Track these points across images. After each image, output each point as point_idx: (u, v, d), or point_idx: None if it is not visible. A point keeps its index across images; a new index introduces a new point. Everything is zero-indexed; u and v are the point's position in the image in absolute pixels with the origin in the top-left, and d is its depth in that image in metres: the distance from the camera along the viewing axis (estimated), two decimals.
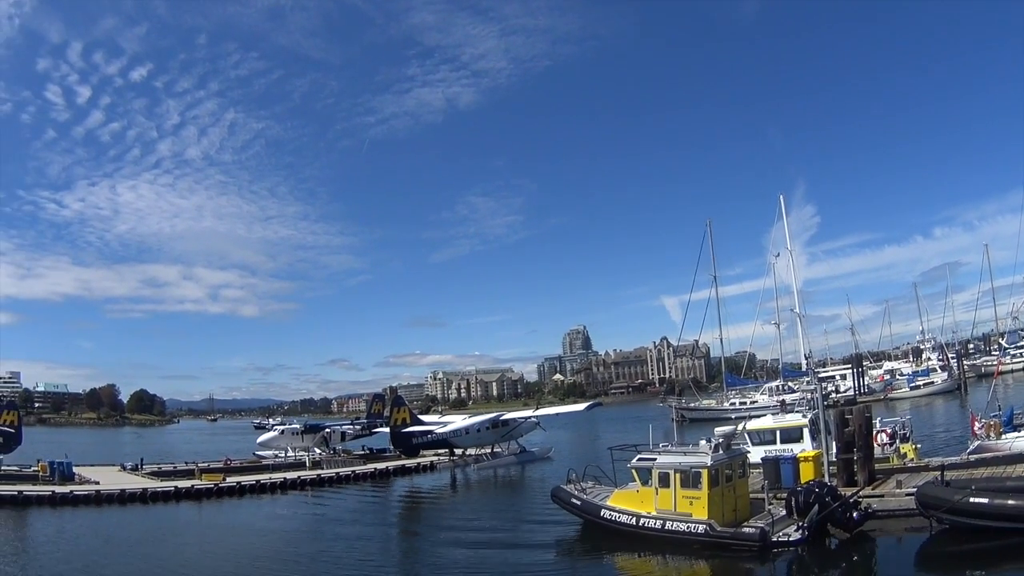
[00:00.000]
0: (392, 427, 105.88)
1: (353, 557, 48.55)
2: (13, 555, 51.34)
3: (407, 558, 50.55)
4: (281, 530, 61.80)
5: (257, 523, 66.77)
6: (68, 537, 59.04)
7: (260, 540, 56.76)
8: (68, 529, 63.01)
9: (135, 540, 56.46)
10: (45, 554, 51.68)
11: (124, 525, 64.88)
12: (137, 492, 77.31)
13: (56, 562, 48.67)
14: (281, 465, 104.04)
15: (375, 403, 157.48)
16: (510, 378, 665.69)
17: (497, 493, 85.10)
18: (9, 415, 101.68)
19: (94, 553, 51.17)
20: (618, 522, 47.05)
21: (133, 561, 48.54)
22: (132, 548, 53.03)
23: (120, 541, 56.56)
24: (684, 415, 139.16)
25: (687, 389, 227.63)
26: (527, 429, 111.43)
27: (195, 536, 59.58)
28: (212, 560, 49.30)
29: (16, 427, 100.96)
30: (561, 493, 54.00)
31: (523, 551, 47.62)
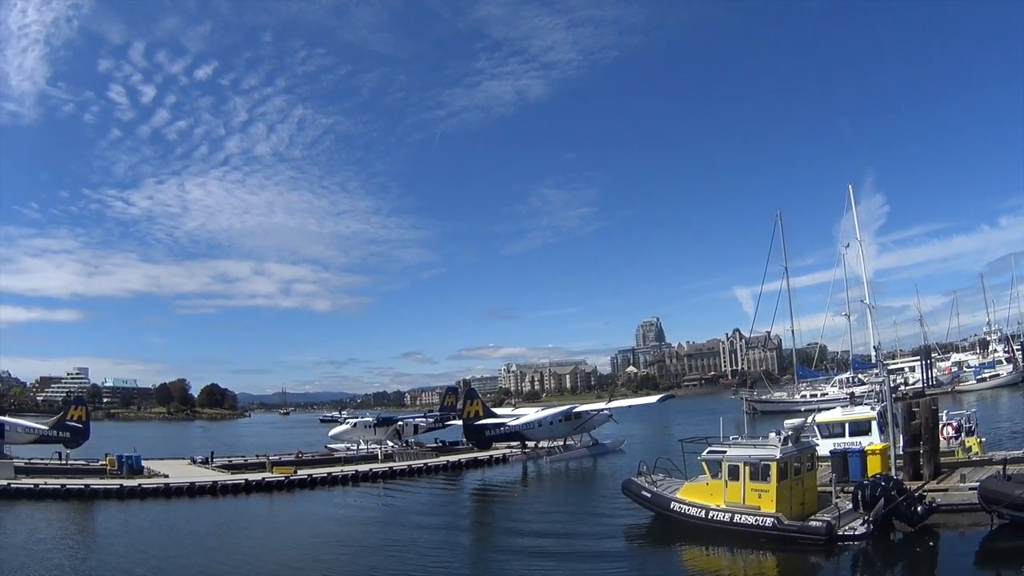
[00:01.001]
0: (465, 420, 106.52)
1: (420, 550, 48.66)
2: (76, 548, 51.96)
3: (475, 551, 50.97)
4: (349, 523, 62.31)
5: (326, 516, 67.08)
6: (131, 530, 59.81)
7: (327, 533, 56.95)
8: (132, 522, 63.71)
9: (200, 533, 57.32)
10: (107, 547, 52.42)
11: (191, 518, 65.54)
12: (207, 485, 77.99)
13: (116, 556, 49.16)
14: (353, 458, 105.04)
15: (448, 396, 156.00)
16: (583, 370, 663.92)
17: (568, 486, 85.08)
18: (77, 410, 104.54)
19: (156, 546, 51.90)
20: (687, 515, 47.01)
21: (194, 554, 49.16)
22: (196, 541, 53.87)
23: (185, 534, 57.22)
24: (755, 407, 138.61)
25: (759, 381, 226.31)
26: (600, 422, 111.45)
27: (261, 529, 60.68)
28: (274, 554, 49.81)
29: (84, 422, 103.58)
30: (632, 486, 53.96)
31: (592, 544, 47.61)
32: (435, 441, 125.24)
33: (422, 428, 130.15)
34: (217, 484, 78.35)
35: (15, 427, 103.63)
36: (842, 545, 40.24)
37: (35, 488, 74.27)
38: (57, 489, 74.08)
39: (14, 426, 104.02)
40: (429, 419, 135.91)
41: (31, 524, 61.26)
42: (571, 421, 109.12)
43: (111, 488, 75.38)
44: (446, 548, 49.53)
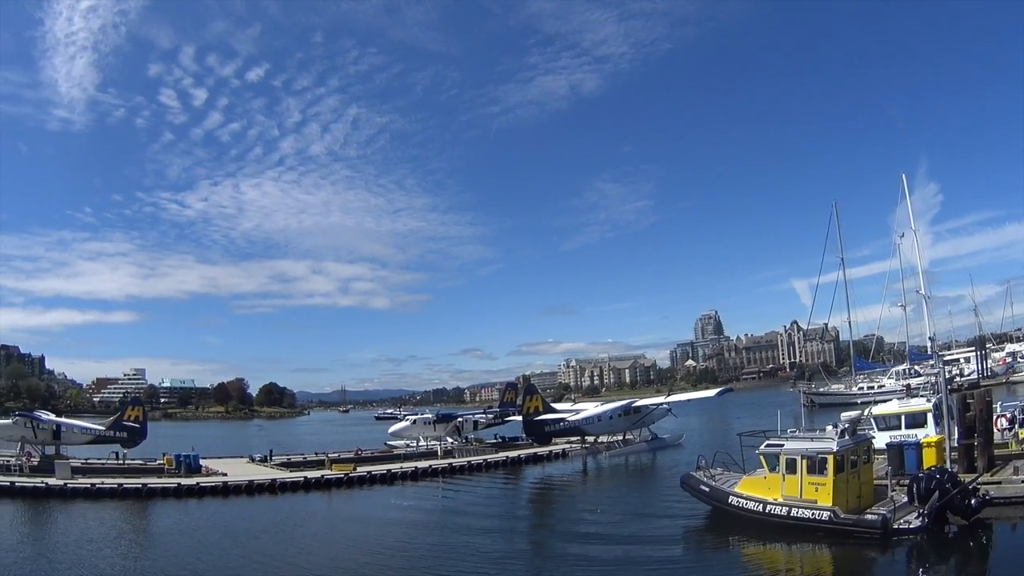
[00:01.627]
0: (524, 415, 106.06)
1: (478, 546, 49.19)
2: (128, 547, 52.56)
3: (533, 547, 51.60)
4: (408, 519, 62.77)
5: (384, 513, 67.56)
6: (186, 528, 60.60)
7: (385, 530, 57.79)
8: (188, 521, 64.67)
9: (256, 530, 57.97)
10: (160, 546, 53.06)
11: (248, 516, 66.42)
12: (265, 483, 78.80)
13: (169, 554, 49.67)
14: (413, 455, 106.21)
15: (508, 392, 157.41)
16: (643, 364, 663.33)
17: (627, 480, 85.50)
18: (134, 411, 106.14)
19: (210, 545, 52.50)
20: (745, 509, 47.36)
21: (249, 552, 49.91)
22: (251, 539, 54.58)
23: (241, 532, 57.86)
24: (813, 400, 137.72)
25: (817, 374, 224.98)
26: (659, 416, 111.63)
27: (319, 527, 60.76)
28: (330, 551, 50.15)
29: (141, 422, 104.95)
30: (691, 480, 54.32)
31: (651, 538, 48.06)
32: (495, 437, 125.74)
33: (482, 424, 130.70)
34: (276, 482, 79.47)
35: (71, 428, 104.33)
36: (897, 539, 40.32)
37: (92, 488, 75.31)
38: (114, 488, 75.22)
39: (70, 427, 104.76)
40: (489, 415, 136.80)
41: (84, 523, 62.25)
42: (630, 416, 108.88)
43: (168, 487, 76.70)
44: (504, 544, 49.98)
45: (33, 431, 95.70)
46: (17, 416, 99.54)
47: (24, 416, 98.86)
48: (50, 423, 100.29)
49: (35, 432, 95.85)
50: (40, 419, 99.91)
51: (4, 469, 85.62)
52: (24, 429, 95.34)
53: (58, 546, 52.49)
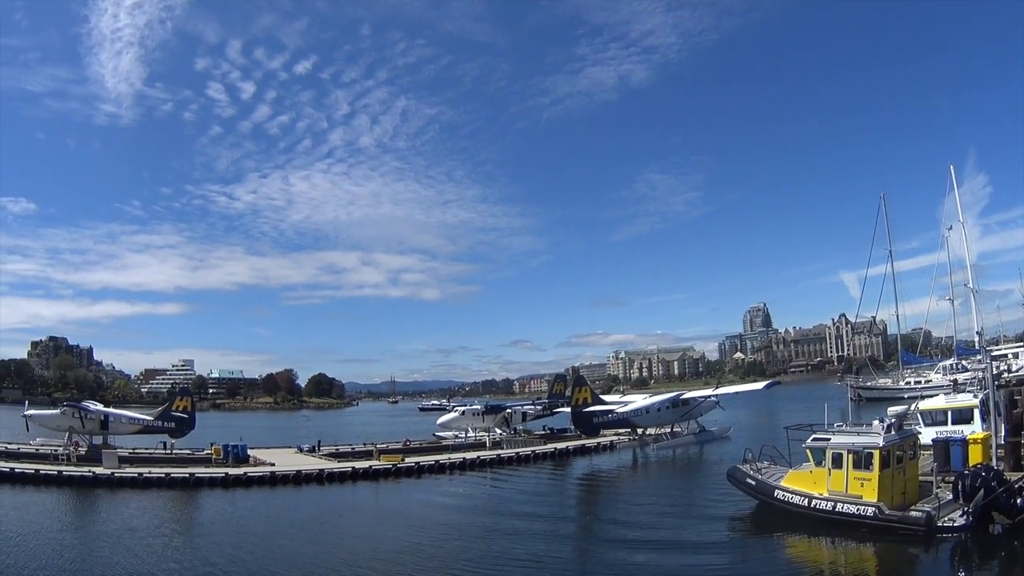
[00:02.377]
0: (573, 407, 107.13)
1: (524, 539, 49.22)
2: (169, 536, 52.62)
3: (579, 539, 52.05)
4: (454, 511, 62.88)
5: (431, 503, 67.52)
6: (230, 518, 61.14)
7: (428, 522, 57.05)
8: (230, 511, 65.07)
9: (300, 521, 58.33)
10: (203, 534, 53.47)
11: (293, 506, 66.92)
12: (313, 473, 79.98)
13: (210, 543, 49.86)
14: (461, 446, 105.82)
15: (557, 383, 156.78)
16: (691, 357, 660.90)
17: (675, 473, 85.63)
18: (182, 401, 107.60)
19: (254, 534, 52.94)
20: (791, 503, 47.49)
21: (289, 542, 50.16)
22: (295, 529, 54.86)
23: (284, 522, 58.47)
24: (860, 394, 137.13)
25: (864, 367, 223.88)
26: (707, 408, 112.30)
27: (363, 518, 61.58)
28: (375, 540, 50.53)
29: (189, 412, 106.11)
30: (737, 473, 54.70)
31: (696, 532, 48.25)
32: (543, 428, 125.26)
33: (530, 415, 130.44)
34: (323, 472, 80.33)
35: (119, 418, 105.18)
36: (941, 536, 40.09)
37: (139, 477, 76.17)
38: (161, 478, 75.82)
39: (118, 417, 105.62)
40: (537, 406, 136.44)
41: (128, 512, 62.74)
42: (679, 408, 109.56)
43: (216, 476, 77.46)
44: (548, 538, 49.75)
45: (81, 421, 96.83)
46: (65, 406, 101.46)
47: (72, 406, 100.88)
48: (98, 413, 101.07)
49: (83, 422, 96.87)
50: (88, 409, 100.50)
51: (51, 458, 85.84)
52: (72, 419, 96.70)
53: (99, 535, 52.92)
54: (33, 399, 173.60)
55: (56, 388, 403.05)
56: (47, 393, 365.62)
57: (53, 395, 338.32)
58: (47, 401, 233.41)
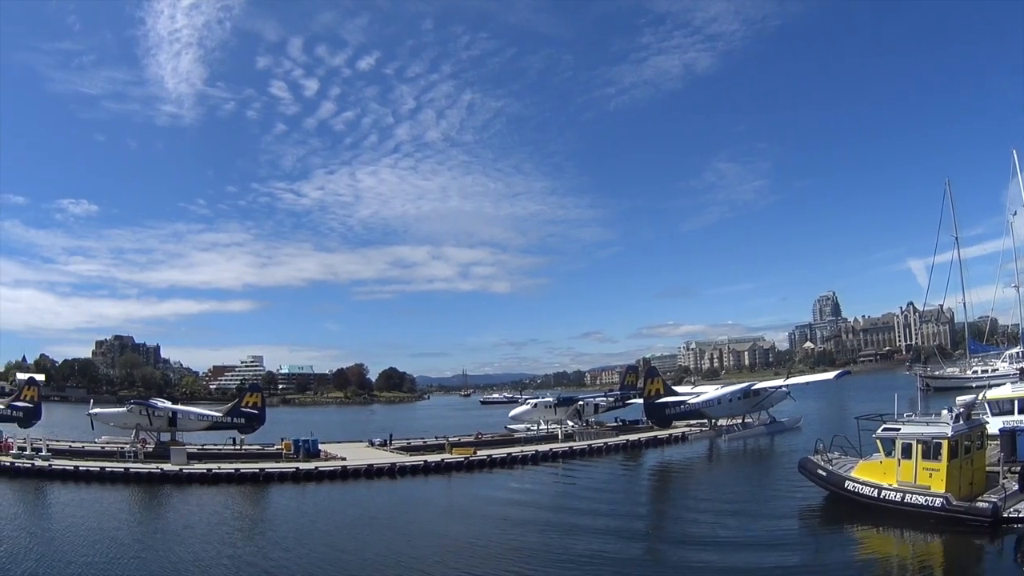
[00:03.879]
0: (646, 398, 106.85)
1: (595, 532, 49.33)
2: (231, 532, 52.81)
3: (649, 532, 52.37)
4: (525, 504, 63.20)
5: (502, 496, 67.98)
6: (295, 513, 61.52)
7: (501, 513, 57.99)
8: (296, 506, 65.83)
9: (368, 516, 58.70)
10: (264, 531, 53.95)
11: (363, 501, 67.56)
12: (385, 467, 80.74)
13: (272, 539, 50.43)
14: (533, 438, 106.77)
15: (628, 375, 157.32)
16: (761, 347, 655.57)
17: (746, 464, 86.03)
18: (252, 397, 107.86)
19: (317, 531, 53.06)
20: (860, 494, 47.95)
21: (354, 538, 50.43)
22: (362, 525, 55.09)
23: (351, 517, 58.68)
24: (929, 384, 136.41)
25: (932, 357, 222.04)
26: (778, 399, 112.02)
27: (433, 512, 61.21)
28: (441, 540, 49.66)
29: (259, 408, 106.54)
30: (808, 464, 55.15)
31: (767, 524, 48.63)
32: (615, 420, 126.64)
33: (602, 407, 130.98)
34: (395, 466, 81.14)
35: (188, 415, 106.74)
36: (1007, 528, 40.30)
37: (208, 473, 77.09)
38: (231, 473, 77.16)
39: (187, 414, 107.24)
40: (609, 398, 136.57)
41: (187, 508, 63.62)
42: (750, 399, 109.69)
43: (287, 471, 78.34)
44: (618, 531, 49.86)
45: (148, 418, 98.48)
46: (132, 404, 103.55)
47: (139, 404, 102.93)
48: (166, 410, 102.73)
49: (150, 419, 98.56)
50: (155, 406, 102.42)
51: (118, 456, 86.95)
52: (139, 416, 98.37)
53: (163, 530, 53.88)
54: (98, 398, 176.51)
55: (122, 386, 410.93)
56: (112, 392, 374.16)
57: (119, 393, 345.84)
58: (112, 399, 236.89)
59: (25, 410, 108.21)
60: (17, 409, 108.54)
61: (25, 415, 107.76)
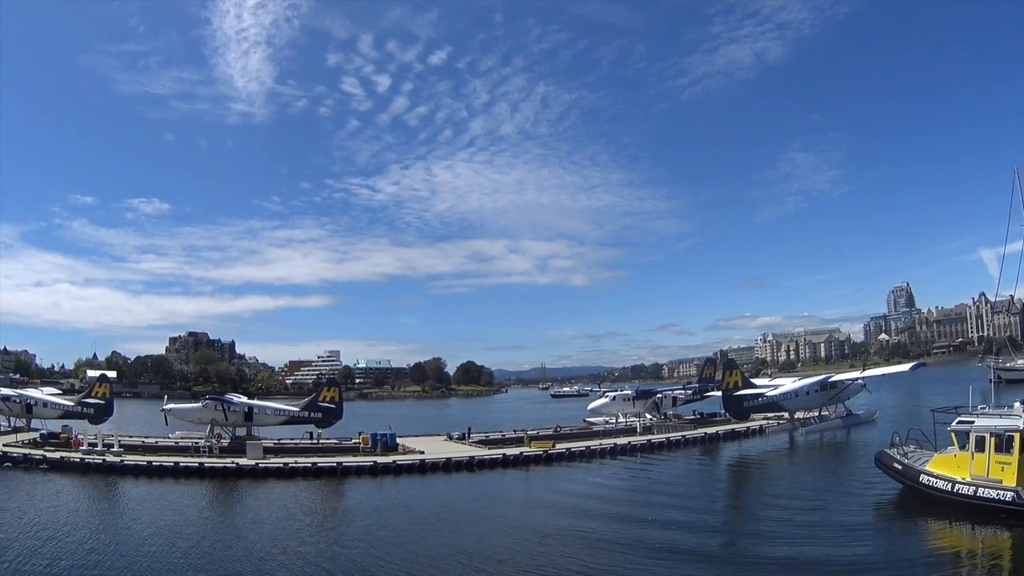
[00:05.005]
0: (724, 390, 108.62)
1: (670, 525, 49.49)
2: (298, 527, 52.72)
3: (725, 525, 52.68)
4: (602, 497, 63.28)
5: (578, 491, 67.28)
6: (368, 508, 61.79)
7: (577, 507, 57.82)
8: (370, 500, 66.64)
9: (443, 511, 58.38)
10: (334, 526, 54.18)
11: (440, 494, 67.92)
12: (463, 460, 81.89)
13: (342, 535, 50.66)
14: (612, 431, 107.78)
15: (706, 367, 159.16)
16: (837, 339, 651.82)
17: (823, 458, 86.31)
18: (330, 392, 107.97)
19: (386, 526, 52.74)
20: (934, 488, 48.62)
21: (426, 533, 50.21)
22: (437, 520, 54.71)
23: (425, 511, 58.60)
24: (1001, 376, 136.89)
25: (1004, 348, 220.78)
26: (854, 391, 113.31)
27: (509, 506, 60.97)
28: (515, 534, 49.50)
29: (337, 403, 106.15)
30: (884, 457, 56.05)
31: (842, 518, 48.90)
32: (693, 413, 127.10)
33: (681, 400, 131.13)
34: (474, 459, 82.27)
35: (264, 410, 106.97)
36: None
37: (284, 467, 78.20)
38: (307, 467, 77.99)
39: (263, 409, 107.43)
40: (688, 391, 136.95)
41: (257, 503, 64.66)
42: (827, 391, 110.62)
43: (364, 465, 79.45)
44: (697, 524, 50.37)
45: (224, 413, 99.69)
46: (207, 399, 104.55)
47: (214, 399, 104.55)
48: (241, 405, 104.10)
49: (225, 414, 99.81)
50: (231, 402, 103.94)
51: (192, 451, 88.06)
52: (214, 412, 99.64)
53: (224, 527, 54.04)
54: (172, 394, 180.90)
55: (196, 382, 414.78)
56: (186, 387, 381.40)
57: (192, 389, 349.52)
58: (186, 395, 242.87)
59: (96, 407, 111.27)
60: (88, 406, 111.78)
61: (96, 412, 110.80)
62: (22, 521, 53.83)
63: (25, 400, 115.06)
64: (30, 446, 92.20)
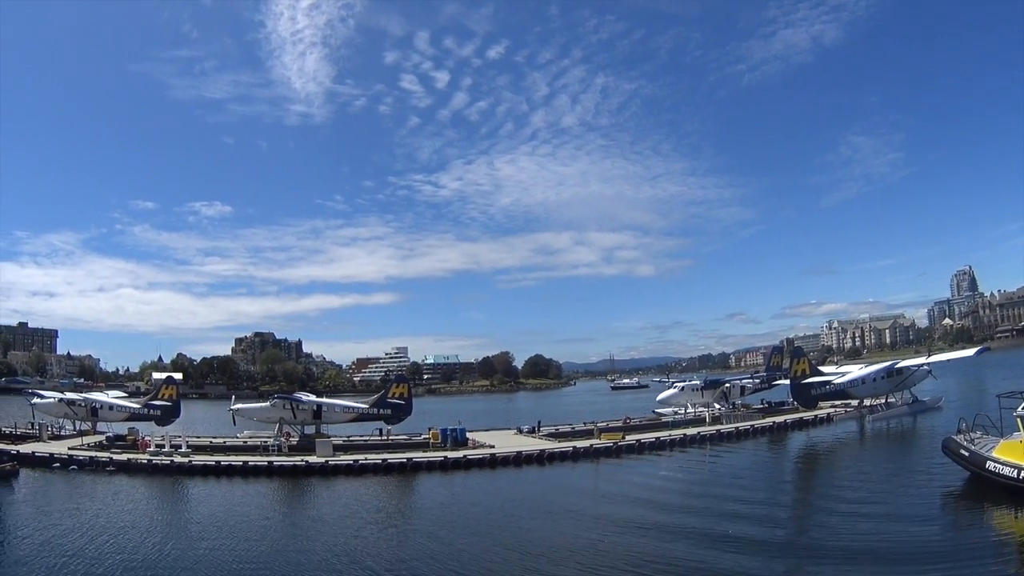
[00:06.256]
0: (792, 379, 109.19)
1: (737, 518, 49.44)
2: (362, 524, 53.06)
3: (792, 516, 53.06)
4: (670, 489, 63.68)
5: (647, 484, 67.60)
6: (436, 503, 62.68)
7: (642, 502, 57.58)
8: (438, 495, 67.24)
9: (510, 506, 58.56)
10: (397, 523, 54.31)
11: (508, 488, 68.81)
12: (533, 453, 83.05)
13: (406, 530, 51.32)
14: (681, 422, 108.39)
15: (774, 356, 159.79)
16: (902, 324, 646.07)
17: (890, 445, 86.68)
18: (399, 388, 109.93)
19: (450, 522, 53.21)
20: (1001, 475, 48.47)
21: (491, 528, 50.95)
22: (504, 515, 55.06)
23: (492, 506, 59.36)
24: None
25: None
26: (920, 377, 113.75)
27: (579, 499, 61.01)
28: (583, 530, 49.16)
29: (406, 399, 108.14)
30: (951, 444, 55.92)
31: (908, 506, 49.25)
32: (761, 402, 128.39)
33: (749, 389, 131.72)
34: (544, 452, 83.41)
35: (333, 407, 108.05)
36: None
37: (354, 464, 79.44)
38: (377, 464, 79.29)
39: (332, 406, 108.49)
40: (756, 380, 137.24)
41: (324, 500, 66.11)
42: (893, 377, 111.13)
43: (434, 460, 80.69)
44: (765, 515, 50.72)
45: (292, 412, 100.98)
46: (276, 398, 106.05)
47: (283, 398, 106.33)
48: (310, 403, 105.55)
49: (294, 413, 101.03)
50: (300, 400, 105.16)
51: (261, 450, 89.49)
52: (283, 411, 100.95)
53: (285, 526, 54.49)
54: (239, 394, 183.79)
55: (263, 382, 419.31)
56: (253, 387, 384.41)
57: (259, 389, 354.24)
58: (253, 395, 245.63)
59: (163, 408, 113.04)
60: (154, 408, 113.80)
61: (163, 413, 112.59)
62: (92, 520, 55.52)
63: (90, 403, 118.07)
64: (96, 449, 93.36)
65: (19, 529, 52.65)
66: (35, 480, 77.33)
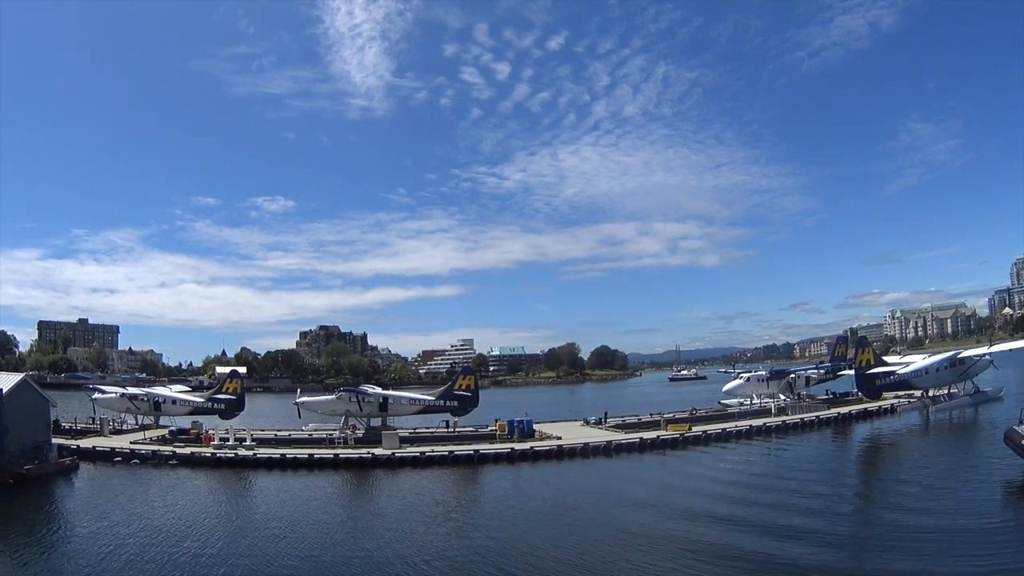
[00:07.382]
0: (857, 369, 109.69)
1: (797, 510, 50.41)
2: (423, 517, 53.57)
3: (853, 509, 53.28)
4: (734, 482, 64.13)
5: (712, 476, 68.55)
6: (500, 495, 63.52)
7: (710, 490, 59.46)
8: (501, 487, 67.90)
9: (573, 500, 58.93)
10: (456, 516, 54.77)
11: (573, 480, 69.25)
12: (600, 445, 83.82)
13: (466, 524, 51.72)
14: (746, 413, 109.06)
15: (839, 346, 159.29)
16: (963, 314, 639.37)
17: (952, 436, 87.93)
18: (465, 379, 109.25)
19: (511, 515, 53.83)
20: None
21: (553, 522, 51.20)
22: (567, 510, 55.38)
23: (554, 499, 59.52)
24: None
25: None
26: (982, 367, 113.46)
27: (646, 492, 61.14)
28: (654, 507, 51.65)
29: (473, 390, 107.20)
30: (1013, 435, 55.97)
31: (969, 500, 50.04)
32: (826, 393, 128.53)
33: (813, 380, 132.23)
34: (611, 444, 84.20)
35: (399, 400, 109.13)
36: None
37: (420, 456, 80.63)
38: (444, 456, 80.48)
39: (398, 399, 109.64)
40: (820, 370, 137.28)
41: (383, 493, 66.95)
42: (956, 368, 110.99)
43: (501, 452, 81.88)
44: (829, 508, 51.42)
45: (358, 404, 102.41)
46: (342, 391, 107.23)
47: (349, 391, 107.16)
48: (376, 396, 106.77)
49: (360, 405, 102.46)
50: (366, 392, 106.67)
51: (327, 443, 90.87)
52: (349, 403, 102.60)
53: (372, 513, 56.39)
54: (303, 387, 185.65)
55: (328, 375, 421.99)
56: (318, 380, 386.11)
57: (324, 382, 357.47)
58: (318, 388, 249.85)
59: (227, 402, 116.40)
60: (218, 402, 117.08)
61: (227, 407, 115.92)
62: (157, 513, 57.22)
63: (153, 398, 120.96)
64: (159, 443, 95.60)
65: (78, 523, 55.26)
66: (95, 474, 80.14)
